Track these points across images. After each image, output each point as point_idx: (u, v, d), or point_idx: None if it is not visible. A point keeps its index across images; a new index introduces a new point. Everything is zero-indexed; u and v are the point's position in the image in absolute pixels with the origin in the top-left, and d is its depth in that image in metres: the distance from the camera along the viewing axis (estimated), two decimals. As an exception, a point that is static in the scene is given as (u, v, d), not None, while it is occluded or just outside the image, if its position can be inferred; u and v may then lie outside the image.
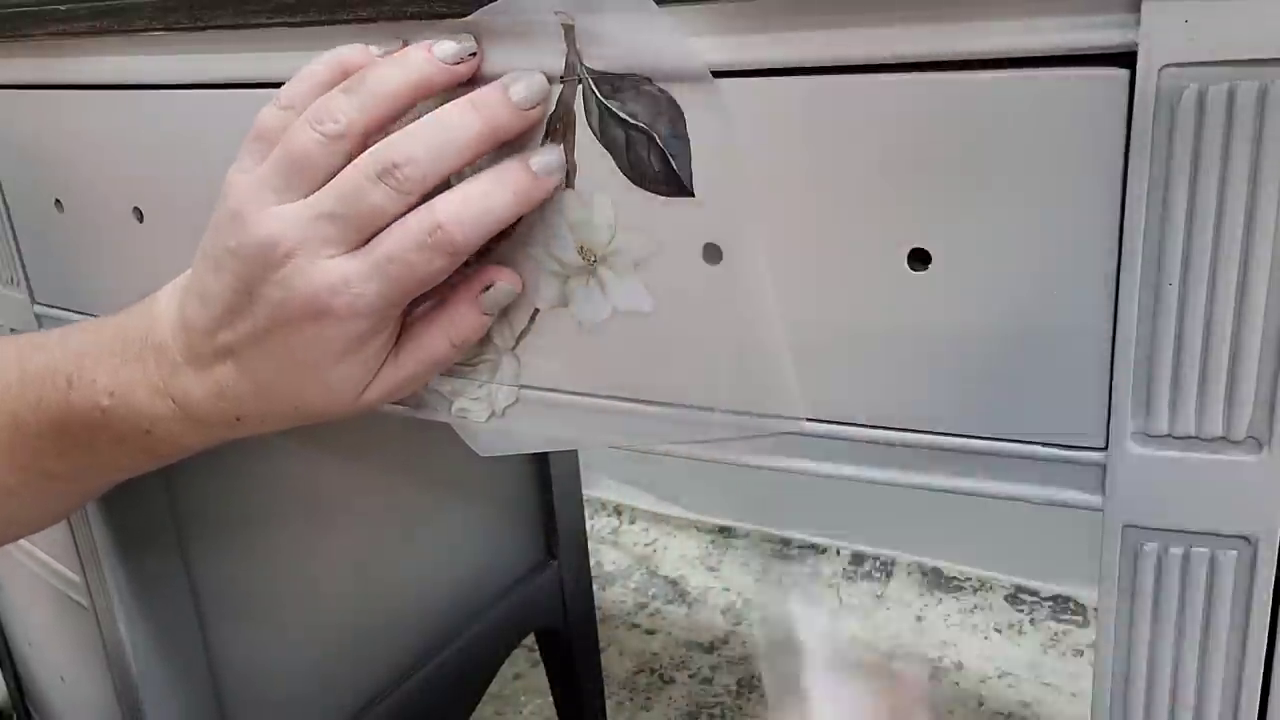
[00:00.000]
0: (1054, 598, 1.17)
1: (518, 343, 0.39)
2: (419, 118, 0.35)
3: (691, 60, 0.32)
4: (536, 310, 0.38)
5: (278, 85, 0.41)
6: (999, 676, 1.04)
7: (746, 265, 0.34)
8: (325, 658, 0.78)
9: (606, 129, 0.34)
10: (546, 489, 0.98)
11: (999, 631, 1.12)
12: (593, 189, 0.35)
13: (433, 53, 0.35)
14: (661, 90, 0.33)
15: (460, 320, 0.38)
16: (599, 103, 0.34)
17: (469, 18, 0.35)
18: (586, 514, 1.11)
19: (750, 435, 0.36)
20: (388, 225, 0.35)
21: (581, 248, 0.36)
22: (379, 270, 0.34)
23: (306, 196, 0.35)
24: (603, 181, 0.35)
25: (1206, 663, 0.31)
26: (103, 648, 0.66)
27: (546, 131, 0.35)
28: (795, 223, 0.33)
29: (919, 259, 0.31)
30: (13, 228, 0.56)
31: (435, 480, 0.86)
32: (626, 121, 0.34)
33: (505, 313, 0.39)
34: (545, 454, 0.97)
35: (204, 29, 0.41)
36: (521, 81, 0.34)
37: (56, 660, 0.76)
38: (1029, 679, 1.03)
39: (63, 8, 0.45)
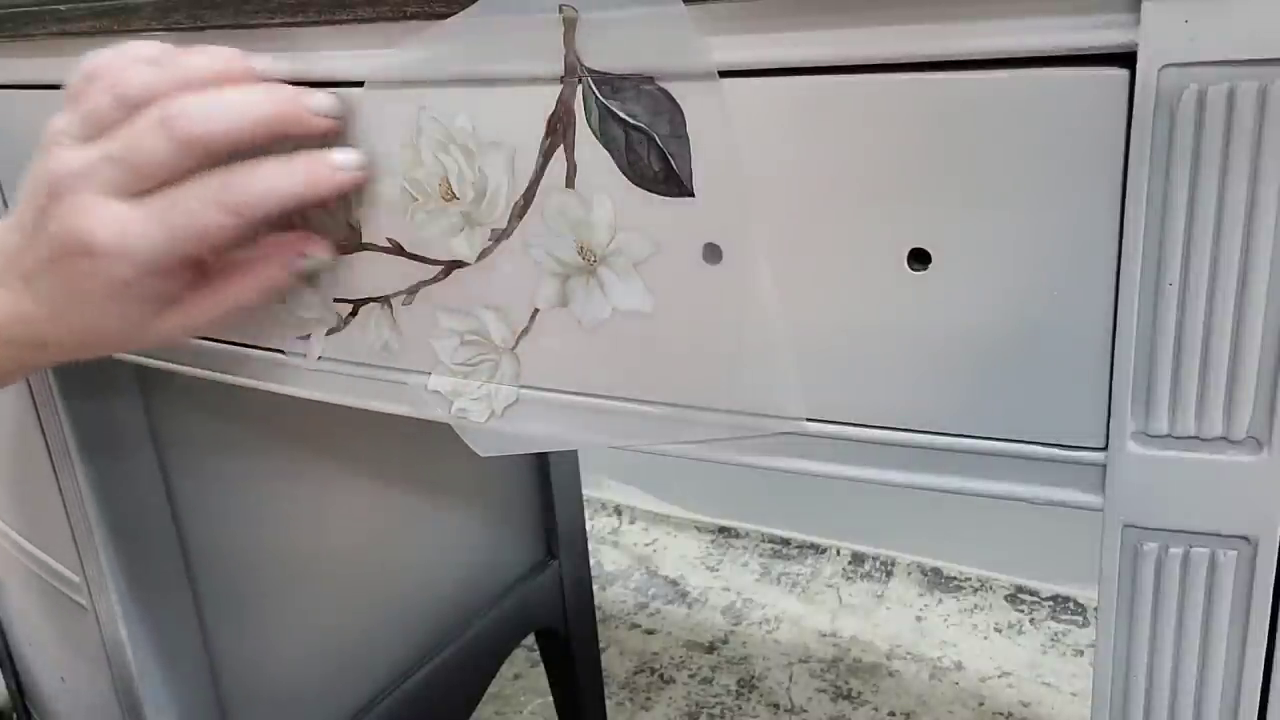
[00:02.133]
0: (1054, 598, 1.17)
1: (518, 343, 0.39)
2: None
3: (699, 58, 0.32)
4: (536, 310, 0.38)
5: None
6: (999, 676, 1.04)
7: (746, 265, 0.34)
8: (325, 658, 0.78)
9: (606, 129, 0.34)
10: (546, 489, 0.98)
11: (999, 631, 1.12)
12: (593, 189, 0.35)
13: (238, 54, 0.38)
14: (662, 90, 0.33)
15: (271, 274, 0.40)
16: (599, 103, 0.34)
17: (467, 13, 0.35)
18: (586, 514, 1.11)
19: (750, 435, 0.36)
20: (170, 178, 0.36)
21: (581, 248, 0.36)
22: (159, 217, 0.37)
23: None
24: (603, 181, 0.35)
25: (1206, 663, 0.31)
26: (103, 648, 0.66)
27: (546, 131, 0.35)
28: (795, 223, 0.33)
29: (919, 259, 0.31)
30: (13, 228, 0.56)
31: (435, 480, 0.86)
32: (626, 121, 0.34)
33: (505, 312, 0.39)
34: (545, 454, 0.97)
35: (204, 29, 0.41)
36: (318, 95, 0.38)
37: (56, 660, 0.76)
38: (1029, 679, 1.03)
39: (63, 8, 0.45)
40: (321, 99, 0.38)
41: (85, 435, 0.60)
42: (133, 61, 0.38)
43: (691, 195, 0.34)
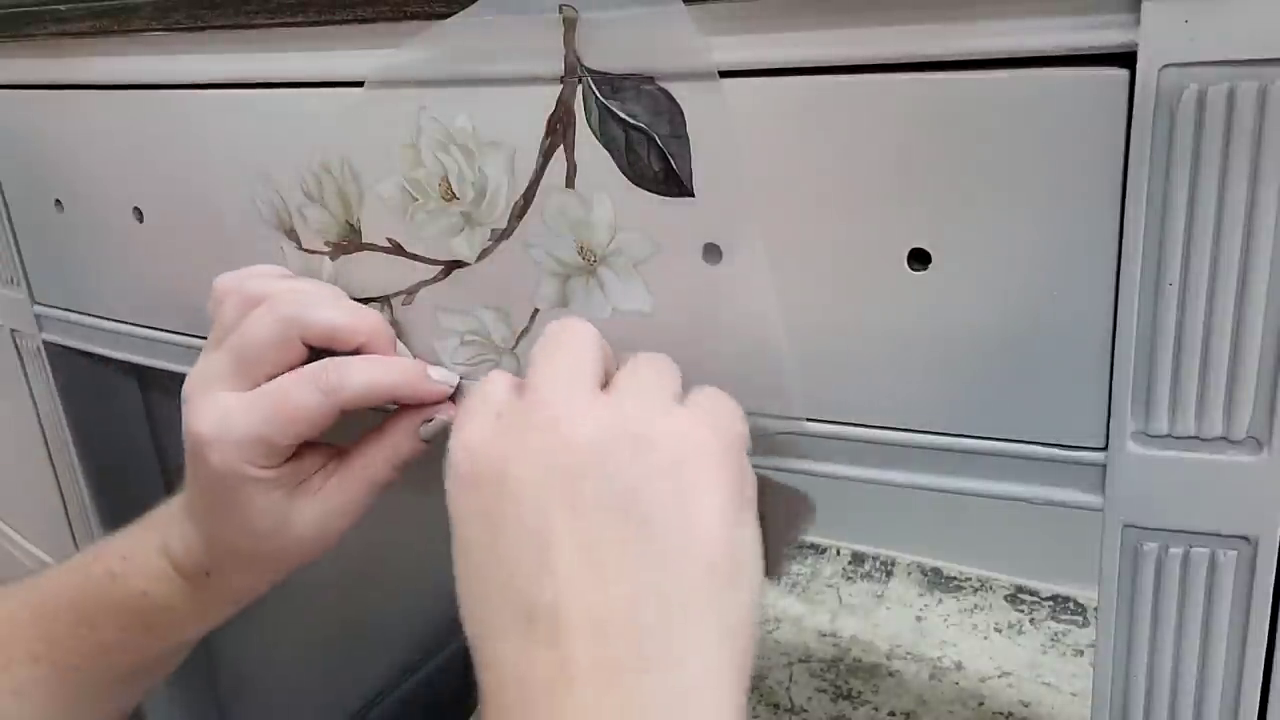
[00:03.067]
0: (1054, 598, 1.17)
1: (518, 342, 0.39)
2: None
3: (699, 58, 0.32)
4: (536, 310, 0.38)
5: (278, 85, 0.41)
6: (999, 676, 1.04)
7: (746, 265, 0.34)
8: (325, 657, 0.78)
9: (606, 129, 0.34)
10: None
11: (999, 631, 1.12)
12: (593, 189, 0.35)
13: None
14: (662, 90, 0.33)
15: (399, 444, 0.39)
16: (599, 103, 0.34)
17: (467, 13, 0.35)
18: (586, 514, 1.10)
19: (750, 435, 0.36)
20: (277, 360, 0.37)
21: (581, 248, 0.36)
22: (258, 398, 0.37)
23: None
24: (603, 181, 0.35)
25: (1206, 663, 0.30)
26: (103, 648, 0.66)
27: (547, 131, 0.35)
28: (795, 223, 0.33)
29: (919, 259, 0.31)
30: (13, 228, 0.56)
31: (436, 478, 0.86)
32: (626, 121, 0.34)
33: (505, 312, 0.39)
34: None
35: (204, 29, 0.41)
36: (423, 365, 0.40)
37: (56, 660, 0.76)
38: (1029, 679, 1.03)
39: (63, 8, 0.45)
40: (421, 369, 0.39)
41: (85, 435, 0.60)
42: (250, 277, 0.40)
43: (691, 195, 0.34)
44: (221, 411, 0.37)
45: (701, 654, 0.27)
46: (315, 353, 0.38)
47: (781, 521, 0.33)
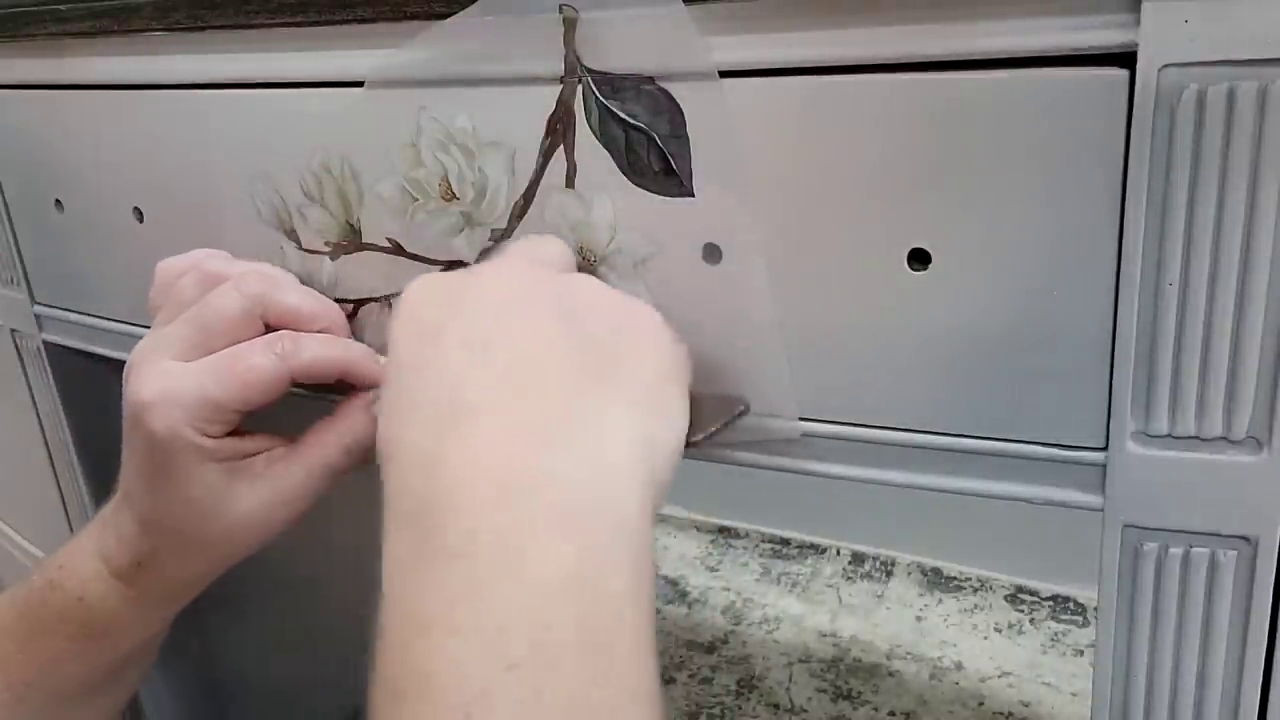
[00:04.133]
0: (1054, 598, 1.17)
1: (518, 343, 0.39)
2: None
3: (699, 58, 0.32)
4: (536, 310, 0.38)
5: (278, 85, 0.41)
6: (999, 676, 1.04)
7: (746, 265, 0.34)
8: (325, 657, 0.78)
9: (606, 129, 0.34)
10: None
11: (999, 631, 1.12)
12: (593, 189, 0.35)
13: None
14: (662, 90, 0.33)
15: (353, 424, 0.38)
16: (599, 103, 0.34)
17: (467, 13, 0.35)
18: (586, 514, 1.10)
19: (749, 435, 0.36)
20: (238, 336, 0.37)
21: (581, 248, 0.36)
22: (207, 364, 0.36)
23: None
24: (603, 181, 0.35)
25: (1206, 663, 0.31)
26: (103, 648, 0.66)
27: (547, 131, 0.35)
28: (795, 223, 0.33)
29: (919, 259, 0.31)
30: (13, 228, 0.56)
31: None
32: (626, 121, 0.34)
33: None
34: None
35: (204, 29, 0.41)
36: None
37: (56, 660, 0.76)
38: (1029, 679, 1.03)
39: (63, 8, 0.45)
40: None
41: (85, 435, 0.60)
42: (208, 257, 0.41)
43: (691, 195, 0.34)
44: (166, 375, 0.36)
45: (615, 453, 0.28)
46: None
47: (708, 411, 0.35)
